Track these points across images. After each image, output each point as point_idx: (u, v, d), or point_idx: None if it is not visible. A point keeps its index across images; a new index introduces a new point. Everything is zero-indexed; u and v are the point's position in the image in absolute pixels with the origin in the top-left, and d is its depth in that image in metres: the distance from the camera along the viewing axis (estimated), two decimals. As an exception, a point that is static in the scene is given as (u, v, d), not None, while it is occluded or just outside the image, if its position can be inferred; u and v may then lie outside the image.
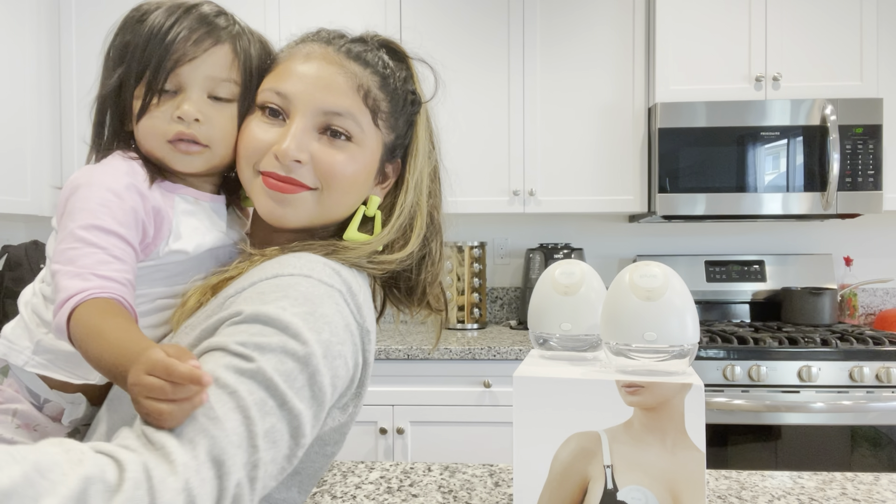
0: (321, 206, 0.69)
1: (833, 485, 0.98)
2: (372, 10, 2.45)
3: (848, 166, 2.25)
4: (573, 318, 0.77)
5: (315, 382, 0.56)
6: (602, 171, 2.44)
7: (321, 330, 0.58)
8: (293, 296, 0.59)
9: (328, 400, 0.59)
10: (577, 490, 0.67)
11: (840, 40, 2.31)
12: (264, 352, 0.54)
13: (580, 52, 2.44)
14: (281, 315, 0.56)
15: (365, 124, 0.69)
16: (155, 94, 0.66)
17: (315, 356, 0.56)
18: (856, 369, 1.99)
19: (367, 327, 0.66)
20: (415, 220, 0.74)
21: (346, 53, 0.70)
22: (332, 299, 0.61)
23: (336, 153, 0.68)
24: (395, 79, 0.72)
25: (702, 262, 2.63)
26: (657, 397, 0.65)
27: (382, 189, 0.76)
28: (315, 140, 0.67)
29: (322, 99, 0.67)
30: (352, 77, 0.68)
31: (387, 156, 0.74)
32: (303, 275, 0.61)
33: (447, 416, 2.12)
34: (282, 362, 0.54)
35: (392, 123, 0.72)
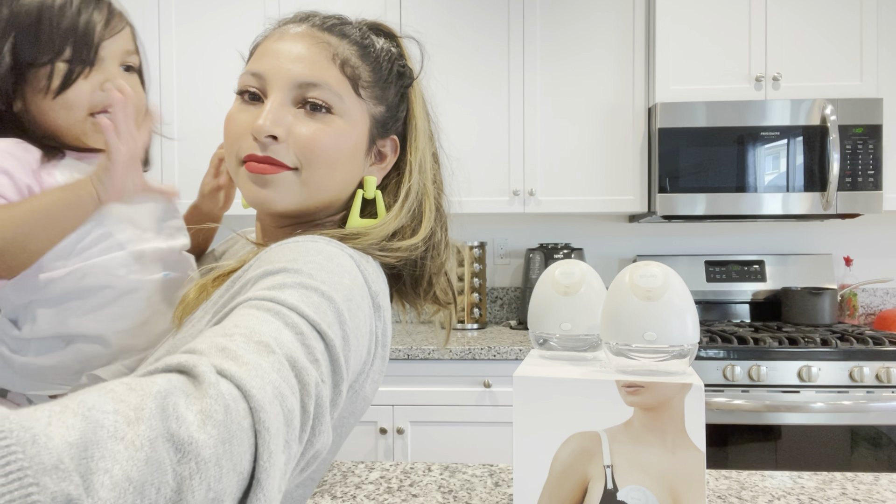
0: (306, 185, 0.64)
1: (833, 485, 0.98)
2: (372, 11, 2.45)
3: (848, 166, 2.25)
4: (573, 318, 0.77)
5: (342, 320, 0.52)
6: (602, 171, 2.44)
7: (341, 275, 0.55)
8: (303, 250, 0.56)
9: (352, 348, 0.53)
10: (577, 490, 0.67)
11: (840, 40, 2.31)
12: (284, 289, 0.50)
13: (580, 52, 2.44)
14: (293, 264, 0.53)
15: (345, 94, 0.65)
16: (87, 65, 0.65)
17: (336, 298, 0.52)
18: (856, 369, 1.99)
19: (380, 303, 0.62)
20: (423, 203, 0.70)
21: (319, 26, 0.67)
22: (345, 258, 0.58)
23: (316, 125, 0.63)
24: (378, 48, 0.69)
25: (702, 262, 2.63)
26: (657, 397, 0.65)
27: (381, 169, 0.71)
28: (292, 114, 0.64)
29: (296, 71, 0.63)
30: (326, 47, 0.65)
31: (378, 130, 0.69)
32: (310, 240, 0.59)
33: (447, 416, 2.12)
34: (306, 296, 0.50)
35: (378, 94, 0.68)
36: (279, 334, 0.44)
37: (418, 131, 0.72)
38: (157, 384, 0.34)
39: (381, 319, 0.63)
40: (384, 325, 0.64)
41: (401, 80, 0.71)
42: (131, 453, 0.30)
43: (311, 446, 0.45)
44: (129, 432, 0.31)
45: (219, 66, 2.47)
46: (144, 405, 0.32)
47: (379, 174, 0.71)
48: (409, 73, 0.72)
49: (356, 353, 0.54)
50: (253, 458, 0.37)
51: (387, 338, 0.65)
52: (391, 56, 0.70)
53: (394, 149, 0.72)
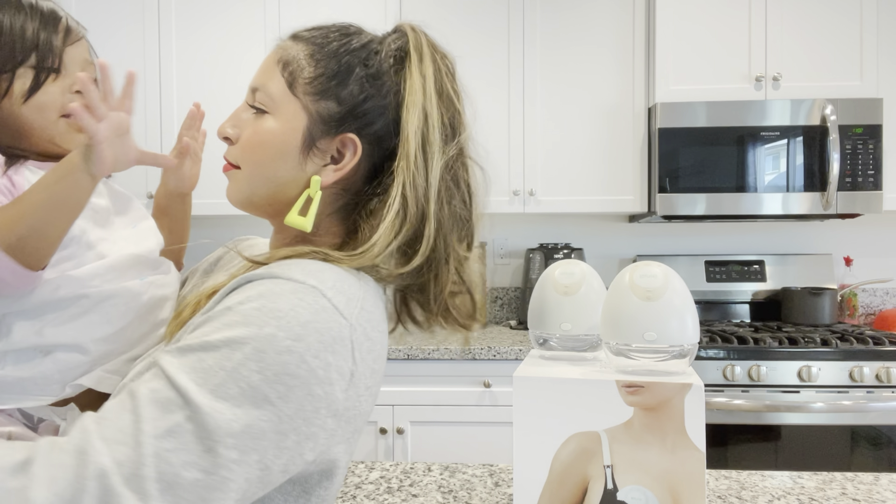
0: (244, 180, 0.68)
1: (833, 485, 0.98)
2: (371, 9, 2.45)
3: (848, 166, 2.25)
4: (573, 318, 0.77)
5: (241, 377, 0.51)
6: (602, 171, 2.44)
7: (263, 324, 0.52)
8: (247, 293, 0.56)
9: (272, 400, 0.51)
10: (577, 490, 0.67)
11: (840, 40, 2.31)
12: (184, 353, 0.52)
13: (580, 52, 2.44)
14: (220, 314, 0.55)
15: (276, 93, 0.66)
16: (51, 72, 0.69)
17: (243, 348, 0.51)
18: (856, 369, 1.99)
19: (360, 325, 0.58)
20: (423, 225, 0.64)
21: (293, 36, 0.69)
22: (295, 295, 0.55)
23: (253, 126, 0.67)
24: (334, 42, 0.68)
25: (702, 262, 2.63)
26: (657, 397, 0.65)
27: (336, 170, 0.66)
28: (246, 117, 0.68)
29: (252, 78, 0.69)
30: (279, 53, 0.68)
31: (322, 128, 0.66)
32: (270, 276, 0.57)
33: (447, 416, 2.12)
34: (200, 360, 0.51)
35: (326, 90, 0.65)
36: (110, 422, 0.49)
37: (408, 139, 0.64)
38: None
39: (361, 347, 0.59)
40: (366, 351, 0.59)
41: (364, 69, 0.67)
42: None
43: None
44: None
45: (219, 70, 2.47)
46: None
47: (333, 175, 0.66)
48: (380, 63, 0.67)
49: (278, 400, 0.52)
50: None
51: (375, 361, 0.61)
52: (350, 47, 0.68)
53: (353, 149, 0.66)
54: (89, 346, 0.65)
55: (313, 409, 0.54)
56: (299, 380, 0.53)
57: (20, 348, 0.64)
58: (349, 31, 0.71)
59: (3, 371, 0.64)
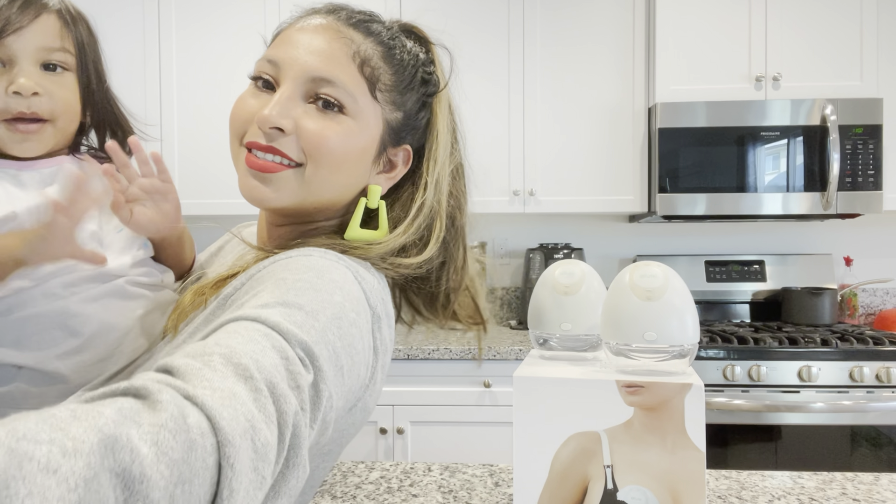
0: (306, 184, 0.62)
1: (833, 485, 0.98)
2: (372, 10, 2.45)
3: (848, 166, 2.25)
4: (573, 318, 0.77)
5: (328, 340, 0.49)
6: (602, 170, 2.44)
7: (332, 292, 0.52)
8: (294, 267, 0.54)
9: (345, 368, 0.51)
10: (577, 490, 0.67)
11: (840, 40, 2.31)
12: (269, 307, 0.48)
13: (580, 52, 2.44)
14: (282, 285, 0.51)
15: (360, 95, 0.62)
16: None
17: (322, 317, 0.49)
18: (856, 369, 1.99)
19: (380, 313, 0.59)
20: (434, 221, 0.66)
21: (346, 20, 0.64)
22: (339, 271, 0.55)
23: (326, 122, 0.61)
24: (403, 51, 0.65)
25: (702, 262, 2.63)
26: (657, 397, 0.65)
27: (389, 179, 0.68)
28: (301, 108, 0.61)
29: (312, 65, 0.60)
30: (348, 43, 0.62)
31: (391, 137, 0.66)
32: (304, 255, 0.56)
33: (447, 416, 2.12)
34: (290, 315, 0.47)
35: (396, 99, 0.65)
36: (261, 356, 0.41)
37: (438, 144, 0.67)
38: (106, 414, 0.30)
39: (380, 330, 0.60)
40: (384, 335, 0.62)
41: (424, 87, 0.68)
42: (63, 491, 0.26)
43: (284, 480, 0.41)
44: (64, 465, 0.27)
45: (219, 67, 2.47)
46: (86, 437, 0.28)
47: (386, 184, 0.67)
48: (436, 81, 0.69)
49: (350, 372, 0.52)
50: (212, 496, 0.33)
51: (387, 347, 0.63)
52: (418, 61, 0.67)
53: (406, 159, 0.68)
54: (56, 364, 0.61)
55: (357, 384, 0.55)
56: (360, 356, 0.54)
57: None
58: (409, 31, 0.70)
59: None
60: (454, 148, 0.70)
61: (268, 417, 0.38)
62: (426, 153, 0.68)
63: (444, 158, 0.68)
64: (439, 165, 0.67)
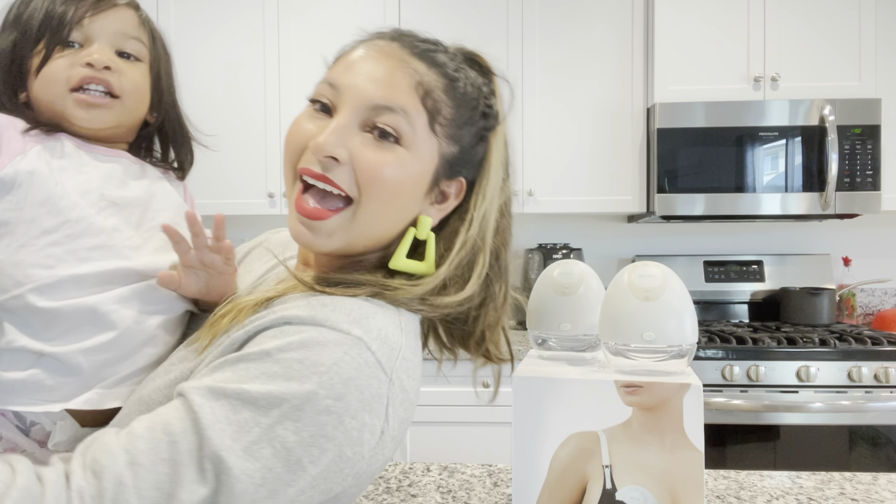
0: (357, 222, 0.60)
1: (831, 485, 0.98)
2: (371, 8, 2.45)
3: (846, 166, 2.25)
4: (572, 318, 0.77)
5: (276, 437, 0.49)
6: (601, 171, 2.44)
7: (305, 379, 0.50)
8: (288, 339, 0.53)
9: (305, 460, 0.50)
10: (576, 490, 0.67)
11: (838, 40, 2.32)
12: (218, 396, 0.49)
13: (579, 52, 2.44)
14: (262, 359, 0.52)
15: (419, 126, 0.60)
16: (58, 43, 0.64)
17: (278, 407, 0.49)
18: (854, 369, 1.99)
19: (398, 378, 0.57)
20: (477, 257, 0.64)
21: (411, 49, 0.62)
22: (339, 347, 0.52)
23: (381, 154, 0.59)
24: (467, 84, 0.64)
25: (700, 262, 2.63)
26: (656, 397, 0.65)
27: (439, 210, 0.66)
28: (358, 137, 0.59)
29: (373, 92, 0.59)
30: (412, 73, 0.60)
31: (445, 171, 0.64)
32: (313, 322, 0.54)
33: (446, 416, 2.12)
34: (235, 410, 0.49)
35: (454, 133, 0.63)
36: (140, 474, 0.46)
37: (490, 180, 0.66)
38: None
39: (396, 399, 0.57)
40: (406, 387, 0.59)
41: (483, 121, 0.66)
42: None
43: None
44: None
45: (218, 69, 2.47)
46: None
47: (436, 215, 0.66)
48: (495, 115, 0.67)
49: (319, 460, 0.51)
50: None
51: (410, 399, 0.60)
52: (480, 94, 0.66)
53: (458, 191, 0.66)
54: (78, 358, 0.61)
55: (338, 469, 0.53)
56: (334, 442, 0.51)
57: (13, 348, 0.61)
58: (473, 61, 0.68)
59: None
60: (505, 183, 0.68)
61: None
62: (476, 187, 0.66)
63: (493, 193, 0.66)
64: (487, 201, 0.65)
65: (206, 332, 0.60)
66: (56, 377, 0.61)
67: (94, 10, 0.65)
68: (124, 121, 0.69)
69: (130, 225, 0.66)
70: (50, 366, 0.61)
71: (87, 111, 0.65)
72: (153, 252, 0.66)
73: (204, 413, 0.48)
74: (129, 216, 0.66)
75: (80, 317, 0.61)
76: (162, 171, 0.75)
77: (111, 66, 0.65)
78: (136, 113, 0.70)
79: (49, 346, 0.60)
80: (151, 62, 0.71)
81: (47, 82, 0.64)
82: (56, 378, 0.61)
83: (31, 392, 0.61)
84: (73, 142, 0.66)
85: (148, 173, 0.72)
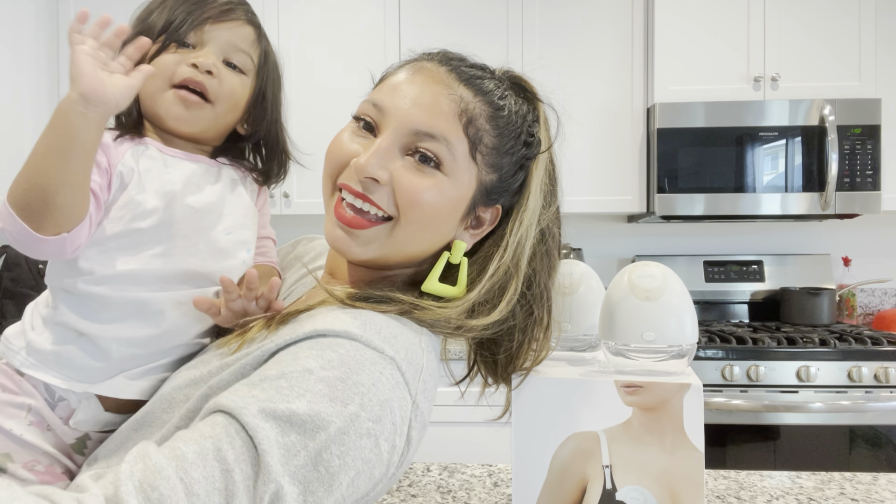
0: (393, 238, 0.62)
1: (831, 485, 0.98)
2: (370, 11, 2.45)
3: (846, 166, 2.25)
4: (572, 319, 0.77)
5: (321, 461, 0.49)
6: (601, 171, 2.44)
7: (348, 401, 0.51)
8: (329, 356, 0.53)
9: (345, 484, 0.51)
10: (576, 490, 0.67)
11: (838, 40, 2.32)
12: (267, 417, 0.49)
13: (579, 52, 2.44)
14: (304, 377, 0.52)
15: (459, 154, 0.61)
16: (174, 40, 0.68)
17: (325, 430, 0.49)
18: (854, 369, 1.99)
19: (419, 401, 0.58)
20: (509, 283, 0.63)
21: (458, 75, 0.64)
22: (375, 366, 0.53)
23: (421, 179, 0.60)
24: (511, 112, 0.65)
25: (700, 262, 2.63)
26: (656, 397, 0.65)
27: (473, 235, 0.66)
28: (399, 161, 0.61)
29: (416, 117, 0.60)
30: (456, 101, 0.61)
31: (482, 198, 0.65)
32: (348, 337, 0.55)
33: (446, 416, 2.12)
34: (283, 432, 0.48)
35: (495, 162, 0.64)
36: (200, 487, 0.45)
37: (527, 208, 0.65)
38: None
39: (417, 419, 0.59)
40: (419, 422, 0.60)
41: (525, 149, 0.66)
42: None
43: None
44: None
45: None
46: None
47: (471, 240, 0.66)
48: (537, 144, 0.67)
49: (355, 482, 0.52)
50: None
51: (420, 431, 0.61)
52: (524, 123, 0.66)
53: (494, 218, 0.67)
54: (110, 344, 0.64)
55: (363, 486, 0.54)
56: (369, 465, 0.52)
57: (58, 322, 0.65)
58: (520, 86, 0.69)
59: (38, 336, 0.65)
60: (545, 210, 0.67)
61: None
62: (514, 213, 0.66)
63: (531, 220, 0.65)
64: (524, 227, 0.65)
65: (235, 338, 0.61)
66: (87, 358, 0.64)
67: (216, 19, 0.69)
68: (212, 125, 0.71)
69: (200, 230, 0.68)
70: (85, 346, 0.64)
71: (182, 108, 0.68)
72: (215, 256, 0.69)
73: (259, 439, 0.48)
74: (199, 222, 0.68)
75: (130, 309, 0.64)
76: (240, 173, 0.77)
77: (213, 71, 0.68)
78: (225, 119, 0.72)
79: (90, 326, 0.64)
80: (256, 77, 0.73)
81: (154, 73, 0.66)
82: (86, 359, 0.64)
83: (63, 367, 0.65)
84: (156, 146, 0.69)
85: (223, 177, 0.73)
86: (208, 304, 0.65)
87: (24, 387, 0.66)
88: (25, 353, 0.66)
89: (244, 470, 0.47)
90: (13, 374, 0.66)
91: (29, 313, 0.69)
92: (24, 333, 0.67)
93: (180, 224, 0.66)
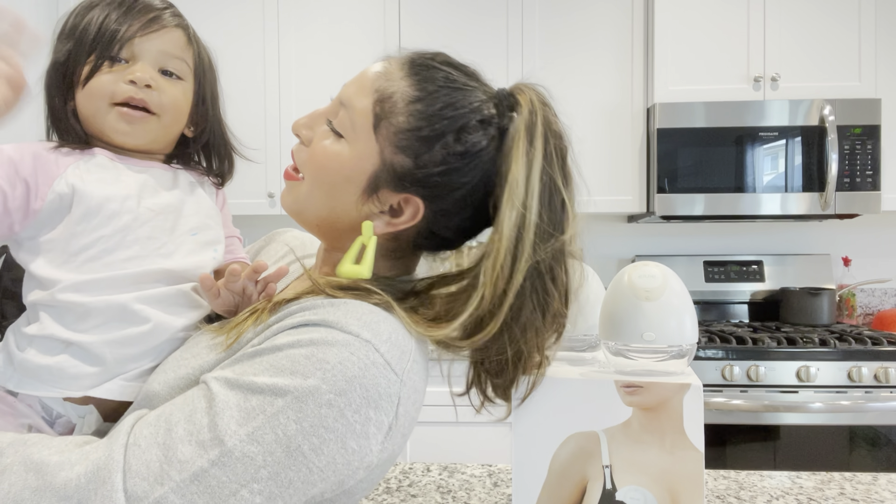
0: (302, 193, 0.67)
1: (831, 485, 0.98)
2: (370, 12, 2.45)
3: (846, 166, 2.25)
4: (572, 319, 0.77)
5: (278, 424, 0.52)
6: (601, 171, 2.44)
7: (308, 374, 0.53)
8: (298, 336, 0.56)
9: (305, 448, 0.53)
10: (576, 490, 0.67)
11: (838, 40, 2.32)
12: (232, 387, 0.54)
13: (579, 53, 2.44)
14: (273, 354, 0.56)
15: (359, 125, 0.63)
16: (106, 59, 0.68)
17: (282, 398, 0.53)
18: (854, 369, 1.99)
19: (407, 379, 0.59)
20: (498, 309, 0.61)
21: (409, 63, 0.65)
22: (346, 348, 0.55)
23: (325, 143, 0.65)
24: (442, 103, 0.62)
25: (700, 262, 2.63)
26: (656, 397, 0.65)
27: (388, 224, 0.65)
28: (322, 126, 0.67)
29: (345, 91, 0.66)
30: (381, 78, 0.64)
31: (390, 178, 0.63)
32: (326, 324, 0.57)
33: (446, 416, 2.12)
34: (245, 399, 0.53)
35: (407, 145, 0.62)
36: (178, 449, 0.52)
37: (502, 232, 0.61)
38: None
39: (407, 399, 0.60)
40: (415, 405, 0.63)
41: (458, 146, 0.63)
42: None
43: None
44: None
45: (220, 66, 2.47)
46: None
47: (384, 228, 0.65)
48: (489, 148, 0.64)
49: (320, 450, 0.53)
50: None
51: (416, 409, 0.63)
52: (458, 123, 0.62)
53: (414, 213, 0.65)
54: (103, 349, 0.64)
55: (346, 462, 0.55)
56: (335, 434, 0.54)
57: (44, 335, 0.64)
58: (464, 85, 0.65)
59: (26, 355, 0.65)
60: (537, 248, 0.61)
61: None
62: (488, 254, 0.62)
63: (508, 262, 0.60)
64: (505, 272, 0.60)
65: (228, 326, 0.63)
66: (80, 365, 0.64)
67: (144, 31, 0.69)
68: (160, 136, 0.72)
69: (164, 231, 0.69)
70: (76, 354, 0.64)
71: (126, 124, 0.69)
72: (185, 255, 0.70)
73: (219, 400, 0.53)
74: (162, 223, 0.68)
75: (111, 313, 0.65)
76: (196, 176, 0.77)
77: (152, 85, 0.69)
78: (172, 129, 0.73)
79: (77, 336, 0.64)
80: (195, 80, 0.75)
81: (92, 95, 0.67)
82: (80, 367, 0.64)
83: (56, 379, 0.64)
84: (107, 154, 0.69)
85: (180, 181, 0.74)
86: (209, 281, 0.67)
87: (20, 408, 0.65)
88: (14, 372, 0.65)
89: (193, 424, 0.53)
90: (6, 395, 0.65)
91: (11, 336, 0.68)
92: (10, 356, 0.66)
93: (144, 227, 0.67)
